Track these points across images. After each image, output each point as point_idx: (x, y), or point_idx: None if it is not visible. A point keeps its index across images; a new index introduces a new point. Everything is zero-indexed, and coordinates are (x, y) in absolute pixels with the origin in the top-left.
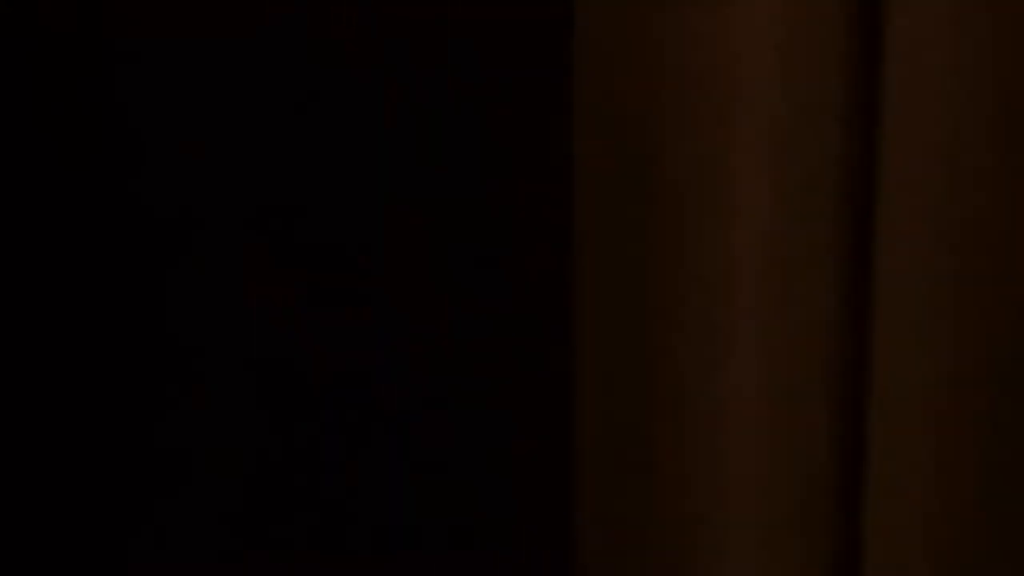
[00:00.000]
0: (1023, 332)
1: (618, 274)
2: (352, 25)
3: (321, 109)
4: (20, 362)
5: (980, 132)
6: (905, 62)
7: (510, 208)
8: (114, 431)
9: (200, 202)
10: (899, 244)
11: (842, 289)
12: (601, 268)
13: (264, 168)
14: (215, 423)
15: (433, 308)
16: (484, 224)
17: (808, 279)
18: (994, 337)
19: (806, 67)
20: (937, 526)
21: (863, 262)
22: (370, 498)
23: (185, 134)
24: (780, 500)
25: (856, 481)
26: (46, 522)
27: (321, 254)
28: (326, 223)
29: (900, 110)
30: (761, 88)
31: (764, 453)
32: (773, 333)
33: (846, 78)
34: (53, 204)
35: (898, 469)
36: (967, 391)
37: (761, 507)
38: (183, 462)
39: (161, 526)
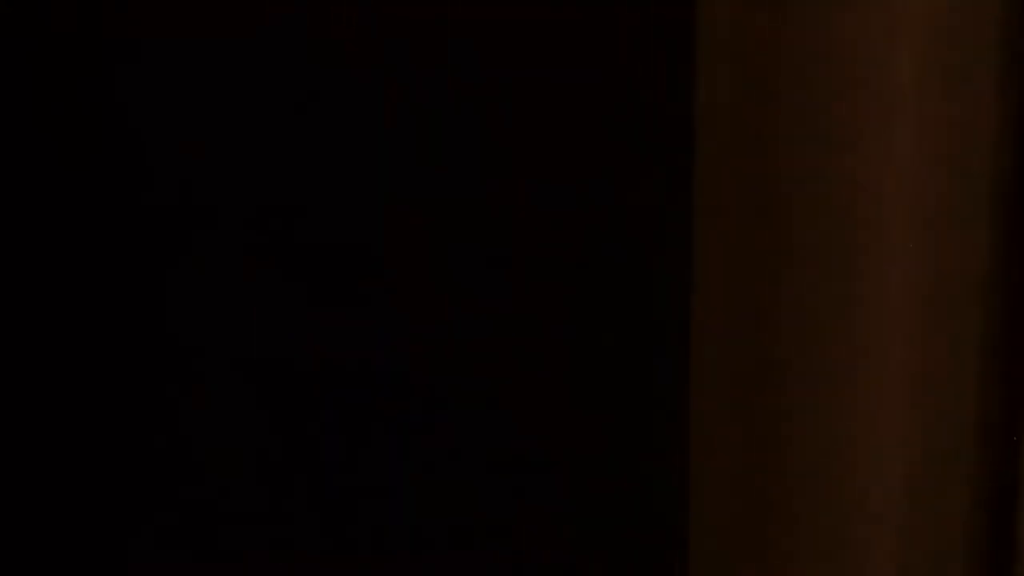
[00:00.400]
0: None
1: (745, 272)
2: (352, 25)
3: (321, 109)
4: (20, 362)
5: None
6: None
7: (510, 208)
8: (114, 431)
9: (200, 202)
10: None
11: (996, 279)
12: (725, 264)
13: (264, 168)
14: (215, 423)
15: (433, 308)
16: (484, 224)
17: (962, 282)
18: None
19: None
20: None
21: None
22: (370, 498)
23: (185, 134)
24: (924, 505)
25: (1013, 487)
26: (46, 522)
27: (321, 254)
28: (326, 223)
29: None
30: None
31: (907, 454)
32: (920, 323)
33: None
34: (53, 204)
35: None
36: None
37: (903, 512)
38: (183, 462)
39: (161, 526)
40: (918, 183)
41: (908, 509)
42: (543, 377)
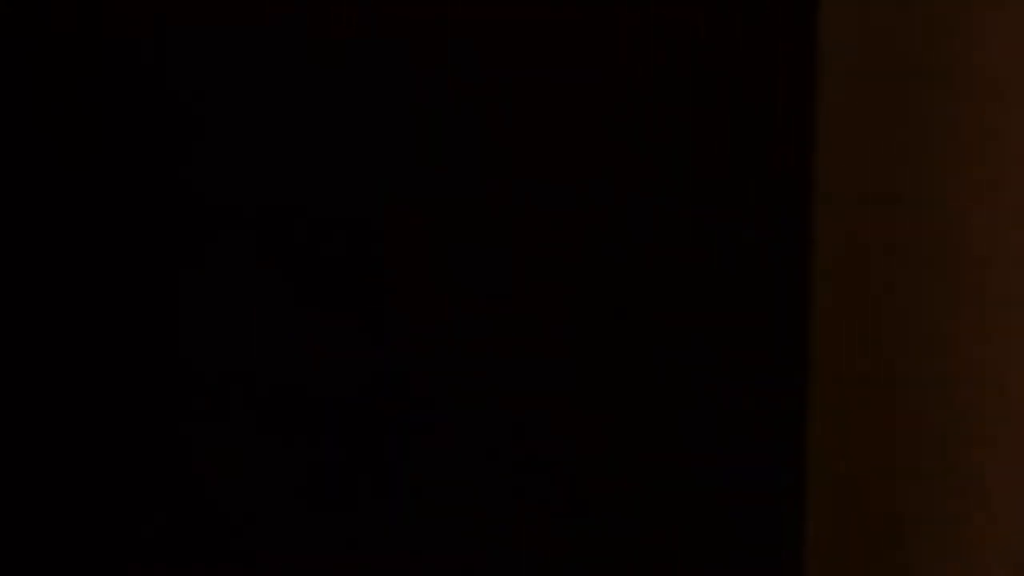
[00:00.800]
0: None
1: (868, 273)
2: (352, 25)
3: (321, 109)
4: (21, 364)
5: None
6: None
7: (510, 208)
8: (114, 432)
9: (200, 203)
10: None
11: None
12: (849, 269)
13: (264, 168)
14: (216, 423)
15: (433, 308)
16: (484, 224)
17: None
18: None
19: None
20: None
21: None
22: (371, 498)
23: (185, 134)
24: None
25: None
26: (46, 522)
27: (321, 254)
28: (325, 224)
29: None
30: None
31: None
32: None
33: None
34: (51, 206)
35: None
36: None
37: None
38: (183, 462)
39: (161, 526)
40: None
41: None
42: (542, 377)
